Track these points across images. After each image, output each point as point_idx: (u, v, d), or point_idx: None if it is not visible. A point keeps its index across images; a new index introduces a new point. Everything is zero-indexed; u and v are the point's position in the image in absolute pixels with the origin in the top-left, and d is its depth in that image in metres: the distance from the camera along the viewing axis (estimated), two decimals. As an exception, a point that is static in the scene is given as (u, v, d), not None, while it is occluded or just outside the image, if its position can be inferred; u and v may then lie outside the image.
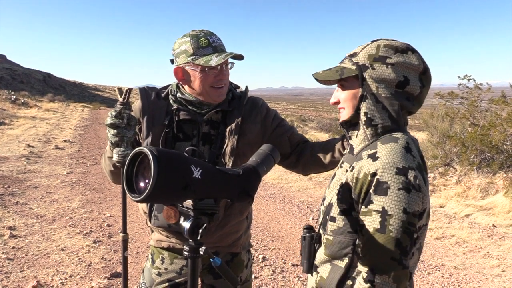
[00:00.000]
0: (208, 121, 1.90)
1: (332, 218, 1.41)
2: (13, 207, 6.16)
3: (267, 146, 1.57)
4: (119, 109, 1.71)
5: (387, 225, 1.24)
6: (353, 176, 1.34)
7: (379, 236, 1.25)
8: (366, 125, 1.41)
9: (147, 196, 1.10)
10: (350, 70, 1.41)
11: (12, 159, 9.71)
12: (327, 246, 1.44)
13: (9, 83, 47.06)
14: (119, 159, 1.73)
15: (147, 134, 1.87)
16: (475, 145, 8.91)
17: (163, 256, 1.98)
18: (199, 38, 1.77)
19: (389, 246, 1.24)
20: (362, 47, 1.43)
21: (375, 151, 1.34)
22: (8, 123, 17.00)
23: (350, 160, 1.47)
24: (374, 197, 1.26)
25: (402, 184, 1.24)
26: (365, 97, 1.39)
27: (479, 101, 9.93)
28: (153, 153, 1.10)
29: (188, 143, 1.88)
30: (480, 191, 7.54)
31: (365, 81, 1.39)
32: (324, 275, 1.45)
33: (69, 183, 7.91)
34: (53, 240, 5.01)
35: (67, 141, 13.64)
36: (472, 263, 4.83)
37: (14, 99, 26.12)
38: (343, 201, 1.38)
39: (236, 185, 1.37)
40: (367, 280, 1.26)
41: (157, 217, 1.82)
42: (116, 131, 1.70)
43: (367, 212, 1.28)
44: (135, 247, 4.92)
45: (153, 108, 1.91)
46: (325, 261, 1.46)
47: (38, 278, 3.96)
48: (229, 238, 1.96)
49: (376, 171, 1.27)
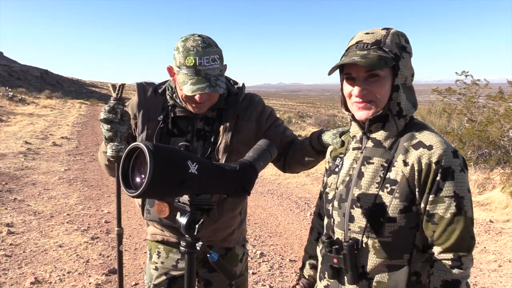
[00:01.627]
0: (203, 118, 1.90)
1: (390, 219, 1.33)
2: (11, 204, 6.15)
3: (264, 141, 1.57)
4: (113, 105, 1.73)
5: (462, 207, 1.28)
6: (413, 169, 1.31)
7: (458, 219, 1.29)
8: (398, 116, 1.38)
9: (143, 192, 1.10)
10: (390, 60, 1.33)
11: (9, 156, 9.69)
12: (382, 249, 1.36)
13: (6, 80, 46.89)
14: (113, 153, 1.75)
15: (142, 129, 1.89)
16: (472, 141, 8.94)
17: (159, 251, 2.01)
18: (188, 55, 1.70)
19: (469, 226, 1.30)
20: (381, 34, 1.37)
21: (419, 140, 1.34)
22: (5, 120, 16.94)
23: (381, 154, 1.39)
24: (443, 184, 1.28)
25: (460, 165, 1.30)
26: (396, 87, 1.36)
27: (476, 97, 9.97)
28: (149, 148, 1.10)
29: (182, 138, 1.88)
30: (477, 187, 7.56)
31: (400, 70, 1.36)
32: (383, 279, 1.37)
33: (66, 179, 7.90)
34: (51, 236, 5.01)
35: (65, 138, 13.60)
36: (469, 258, 4.85)
37: (11, 96, 26.01)
38: (404, 198, 1.33)
39: (233, 180, 1.37)
40: (454, 265, 1.29)
41: (149, 211, 1.84)
42: (109, 126, 1.72)
43: (438, 200, 1.29)
44: (132, 243, 4.92)
45: (149, 104, 1.91)
46: (379, 265, 1.37)
47: (36, 275, 3.96)
48: (222, 233, 1.98)
49: (439, 159, 1.28)
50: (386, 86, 1.35)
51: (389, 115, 1.38)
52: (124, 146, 1.77)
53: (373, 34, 1.37)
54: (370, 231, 1.36)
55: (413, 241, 1.37)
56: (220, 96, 1.89)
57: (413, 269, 1.37)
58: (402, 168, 1.33)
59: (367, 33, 1.38)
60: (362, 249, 1.39)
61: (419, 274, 1.38)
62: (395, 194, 1.33)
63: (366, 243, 1.38)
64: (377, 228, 1.35)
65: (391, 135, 1.39)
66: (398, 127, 1.39)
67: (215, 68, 1.74)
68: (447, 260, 1.30)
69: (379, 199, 1.35)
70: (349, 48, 1.40)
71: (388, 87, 1.35)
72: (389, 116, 1.38)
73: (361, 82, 1.36)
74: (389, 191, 1.34)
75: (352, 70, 1.37)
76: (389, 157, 1.37)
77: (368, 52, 1.32)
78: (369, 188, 1.38)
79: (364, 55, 1.31)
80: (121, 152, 1.75)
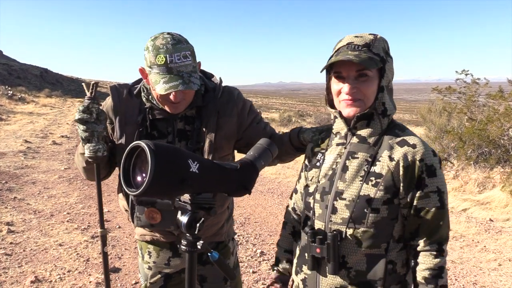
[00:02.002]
0: (182, 117, 1.87)
1: (374, 210, 1.42)
2: (11, 202, 6.15)
3: (264, 140, 1.57)
4: (87, 104, 1.70)
5: (444, 201, 1.43)
6: (399, 165, 1.41)
7: (441, 212, 1.42)
8: (382, 115, 1.48)
9: (144, 190, 1.10)
10: (378, 62, 1.43)
11: (9, 155, 9.69)
12: (364, 239, 1.44)
13: (5, 79, 46.85)
14: (91, 154, 1.71)
15: (120, 134, 1.84)
16: (472, 139, 8.93)
17: (149, 250, 2.00)
18: (158, 53, 1.66)
19: (448, 217, 1.46)
20: (369, 38, 1.46)
21: (403, 138, 1.46)
22: (5, 119, 16.94)
23: (366, 149, 1.48)
24: (428, 180, 1.40)
25: (439, 163, 1.44)
26: (382, 88, 1.46)
27: (476, 96, 9.95)
28: (150, 147, 1.10)
29: (163, 140, 1.84)
30: (477, 186, 7.57)
31: (386, 73, 1.46)
32: (362, 268, 1.46)
33: (66, 178, 7.90)
34: (51, 235, 5.01)
35: (65, 137, 13.61)
36: (469, 257, 4.86)
37: (11, 95, 26.01)
38: (388, 190, 1.42)
39: (234, 179, 1.37)
40: (438, 254, 1.42)
41: (139, 218, 1.75)
42: (85, 126, 1.69)
43: (424, 195, 1.41)
44: (132, 242, 4.92)
45: (125, 107, 1.86)
46: (359, 255, 1.46)
47: (36, 273, 3.96)
48: (212, 229, 1.97)
49: (422, 157, 1.40)
50: (374, 86, 1.44)
51: (374, 113, 1.47)
52: (102, 146, 1.74)
53: (362, 38, 1.46)
54: (353, 222, 1.44)
55: (391, 232, 1.46)
56: (197, 93, 1.84)
57: (389, 257, 1.46)
58: (388, 162, 1.43)
59: (357, 36, 1.47)
60: (344, 239, 1.46)
61: (395, 263, 1.48)
62: (380, 187, 1.42)
63: (348, 233, 1.46)
64: (361, 218, 1.43)
65: (375, 133, 1.48)
66: (382, 126, 1.49)
67: (187, 64, 1.69)
68: (432, 251, 1.42)
69: (364, 191, 1.43)
70: (340, 49, 1.47)
71: (375, 87, 1.45)
72: (374, 114, 1.48)
73: (351, 81, 1.44)
74: (373, 183, 1.43)
75: (343, 69, 1.45)
76: (373, 152, 1.46)
77: (359, 53, 1.41)
78: (353, 181, 1.46)
79: (357, 55, 1.40)
80: (99, 153, 1.72)
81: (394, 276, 1.47)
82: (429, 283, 1.42)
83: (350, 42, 1.45)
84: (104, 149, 1.75)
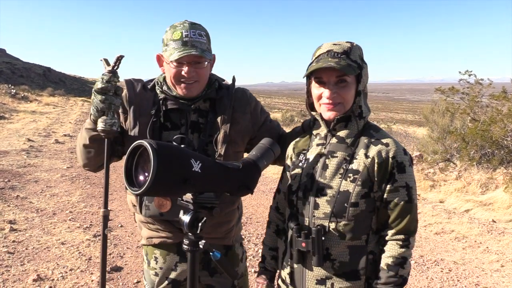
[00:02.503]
0: (196, 110, 1.87)
1: (353, 204, 1.53)
2: (13, 201, 6.17)
3: (267, 140, 1.57)
4: (108, 77, 1.69)
5: (411, 196, 1.54)
6: (374, 161, 1.53)
7: (409, 206, 1.54)
8: (359, 117, 1.61)
9: (146, 189, 1.10)
10: (356, 68, 1.55)
11: (12, 153, 9.72)
12: (345, 232, 1.55)
13: (9, 77, 46.98)
14: (106, 127, 1.68)
15: (134, 124, 1.84)
16: (475, 140, 8.90)
17: (155, 256, 1.95)
18: (175, 30, 1.75)
19: (415, 211, 1.56)
20: (347, 46, 1.56)
21: (377, 138, 1.58)
22: (8, 117, 16.99)
23: (344, 149, 1.60)
24: (398, 176, 1.53)
25: (409, 161, 1.56)
26: (359, 93, 1.58)
27: (480, 97, 9.92)
28: (153, 147, 1.10)
29: (176, 132, 1.84)
30: (480, 187, 7.55)
31: (362, 78, 1.58)
32: (345, 259, 1.56)
33: (69, 177, 7.92)
34: (53, 234, 5.02)
35: (67, 136, 13.63)
36: (472, 258, 4.84)
37: (14, 93, 26.09)
38: (365, 185, 1.53)
39: (236, 178, 1.37)
40: (403, 245, 1.53)
41: (148, 207, 1.75)
42: (104, 97, 1.68)
43: (394, 189, 1.53)
44: (134, 241, 4.93)
45: (139, 98, 1.88)
46: (341, 247, 1.56)
47: (39, 272, 3.97)
48: (222, 229, 1.95)
49: (394, 154, 1.53)
50: (352, 91, 1.57)
51: (352, 116, 1.60)
52: (117, 121, 1.72)
53: (341, 45, 1.57)
54: (335, 216, 1.55)
55: (370, 224, 1.59)
56: (211, 86, 1.89)
57: (370, 248, 1.59)
58: (364, 159, 1.55)
59: (335, 44, 1.57)
60: (327, 233, 1.56)
61: (375, 253, 1.60)
62: (358, 182, 1.53)
63: (331, 227, 1.56)
64: (342, 212, 1.54)
65: (352, 133, 1.61)
66: (358, 127, 1.61)
67: (202, 42, 1.75)
68: (398, 241, 1.54)
69: (343, 187, 1.54)
70: (319, 56, 1.57)
71: (353, 92, 1.57)
72: (352, 117, 1.61)
73: (331, 86, 1.55)
74: (352, 179, 1.54)
75: (324, 75, 1.55)
76: (350, 151, 1.58)
77: (339, 60, 1.52)
78: (333, 178, 1.57)
79: (337, 62, 1.50)
80: (114, 127, 1.70)
81: (375, 266, 1.58)
82: (390, 270, 1.53)
83: (330, 49, 1.55)
84: (119, 124, 1.73)
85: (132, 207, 1.93)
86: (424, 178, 8.55)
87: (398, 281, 1.53)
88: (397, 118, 46.24)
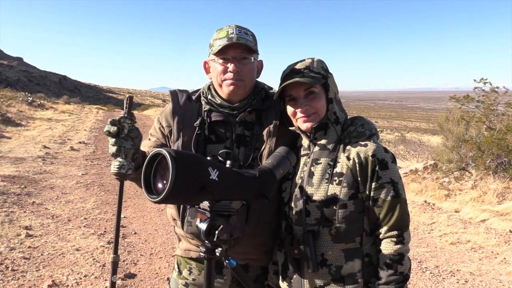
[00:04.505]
0: (241, 122, 1.81)
1: (342, 206, 1.58)
2: (29, 207, 6.25)
3: (283, 148, 1.57)
4: (118, 118, 1.64)
5: (398, 190, 1.59)
6: (355, 162, 1.60)
7: (397, 201, 1.58)
8: (336, 123, 1.70)
9: (165, 197, 1.11)
10: (320, 78, 1.65)
11: (28, 160, 9.87)
12: (338, 235, 1.59)
13: (25, 85, 47.88)
14: (114, 170, 1.63)
15: (177, 136, 1.79)
16: (491, 149, 8.78)
17: (190, 267, 1.90)
18: (221, 31, 1.74)
19: (405, 205, 1.60)
20: (308, 61, 1.69)
21: (356, 141, 1.66)
22: (24, 125, 17.28)
23: (326, 155, 1.67)
24: (382, 172, 1.58)
25: (391, 158, 1.62)
26: (331, 100, 1.69)
27: (495, 105, 9.79)
28: (171, 155, 1.11)
29: (221, 145, 1.79)
30: (497, 196, 7.42)
31: (330, 87, 1.69)
32: (340, 263, 1.60)
33: (84, 184, 8.01)
34: (68, 240, 5.07)
35: (82, 143, 13.81)
36: (488, 269, 4.75)
37: (31, 101, 26.55)
38: (351, 186, 1.59)
39: (253, 187, 1.37)
40: (398, 241, 1.56)
41: (190, 223, 1.61)
42: (114, 140, 1.63)
43: (379, 186, 1.58)
44: (148, 248, 4.95)
45: (184, 110, 1.83)
46: (336, 251, 1.60)
47: (54, 278, 4.01)
48: (261, 249, 1.85)
49: (374, 153, 1.59)
50: (322, 100, 1.67)
51: (328, 123, 1.69)
52: (128, 163, 1.64)
53: (303, 62, 1.69)
54: (326, 220, 1.59)
55: (362, 225, 1.63)
56: (257, 95, 1.83)
57: (365, 251, 1.62)
58: (346, 162, 1.62)
59: (298, 62, 1.70)
60: (320, 238, 1.61)
61: (371, 256, 1.62)
62: (343, 184, 1.59)
63: (323, 232, 1.60)
64: (331, 216, 1.59)
65: (332, 139, 1.69)
66: (337, 132, 1.70)
67: (248, 39, 1.74)
68: (392, 237, 1.56)
69: (330, 190, 1.60)
70: (285, 76, 1.68)
71: (324, 101, 1.67)
72: (329, 124, 1.69)
73: (302, 99, 1.66)
74: (337, 182, 1.60)
75: (293, 91, 1.66)
76: (333, 156, 1.66)
77: (303, 74, 1.64)
78: (320, 183, 1.63)
79: (301, 76, 1.62)
80: (122, 169, 1.62)
81: (372, 268, 1.61)
82: (389, 269, 1.55)
83: (293, 69, 1.67)
84: (129, 167, 1.65)
85: (172, 221, 1.89)
86: (439, 187, 8.45)
87: (399, 278, 1.54)
88: (410, 126, 45.96)
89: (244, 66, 1.74)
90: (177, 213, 1.80)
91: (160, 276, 4.27)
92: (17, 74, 54.01)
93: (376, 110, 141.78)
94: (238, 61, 1.73)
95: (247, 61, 1.75)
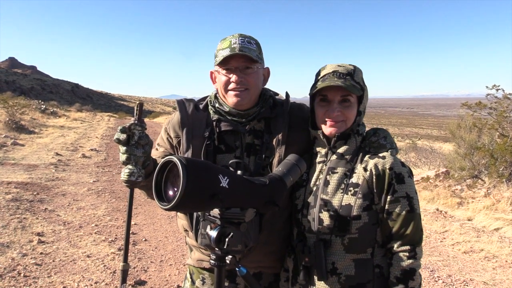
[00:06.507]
0: (251, 131, 1.81)
1: (356, 217, 1.57)
2: (42, 213, 6.31)
3: (293, 156, 1.58)
4: (128, 125, 1.62)
5: (413, 205, 1.57)
6: (372, 173, 1.59)
7: (412, 216, 1.56)
8: (357, 134, 1.70)
9: (176, 204, 1.12)
10: (360, 89, 1.64)
11: (41, 167, 9.98)
12: (350, 245, 1.59)
13: (39, 93, 48.58)
14: (124, 177, 1.60)
15: (187, 147, 1.78)
16: (504, 156, 8.66)
17: (203, 277, 1.88)
18: (225, 40, 1.73)
19: (419, 221, 1.58)
20: (350, 68, 1.66)
21: (374, 153, 1.64)
22: (37, 132, 17.51)
23: (343, 164, 1.66)
24: (398, 186, 1.57)
25: (408, 173, 1.61)
26: (360, 113, 1.68)
27: (508, 112, 9.68)
28: (182, 162, 1.12)
29: (231, 155, 1.78)
30: (510, 204, 7.30)
31: (363, 99, 1.68)
32: (350, 272, 1.58)
33: (95, 191, 8.07)
34: (79, 246, 5.10)
35: (94, 150, 13.93)
36: (503, 278, 4.67)
37: (44, 109, 26.91)
38: (366, 197, 1.58)
39: (263, 194, 1.37)
40: (410, 256, 1.54)
41: (204, 236, 1.54)
42: (124, 148, 1.61)
43: (394, 200, 1.57)
44: (158, 255, 4.97)
45: (192, 120, 1.82)
46: (347, 260, 1.59)
47: (65, 284, 4.04)
48: (272, 257, 1.85)
49: (391, 166, 1.58)
50: (354, 110, 1.66)
51: (351, 134, 1.68)
52: (138, 170, 1.61)
53: (345, 67, 1.66)
54: (339, 230, 1.59)
55: (375, 237, 1.62)
56: (265, 104, 1.82)
57: (376, 262, 1.61)
58: (363, 173, 1.61)
59: (339, 66, 1.67)
60: (332, 246, 1.60)
61: (381, 267, 1.61)
62: (358, 195, 1.59)
63: (335, 241, 1.60)
64: (345, 226, 1.58)
65: (351, 150, 1.68)
66: (357, 143, 1.69)
67: (251, 48, 1.72)
68: (405, 252, 1.55)
69: (345, 201, 1.59)
70: (325, 76, 1.65)
71: (355, 111, 1.66)
72: (351, 134, 1.68)
73: (336, 104, 1.64)
74: (352, 193, 1.60)
75: (329, 94, 1.64)
76: (350, 166, 1.65)
77: (345, 80, 1.61)
78: (335, 193, 1.62)
79: (343, 82, 1.59)
80: (132, 177, 1.59)
81: (383, 279, 1.60)
82: (400, 283, 1.54)
83: (335, 70, 1.64)
84: (139, 174, 1.62)
85: (183, 231, 1.88)
86: (451, 195, 8.35)
87: None
88: (422, 133, 45.60)
89: (248, 76, 1.74)
90: (189, 224, 1.79)
91: (170, 283, 4.27)
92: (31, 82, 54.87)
93: (387, 117, 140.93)
94: (241, 71, 1.73)
95: (250, 70, 1.75)
